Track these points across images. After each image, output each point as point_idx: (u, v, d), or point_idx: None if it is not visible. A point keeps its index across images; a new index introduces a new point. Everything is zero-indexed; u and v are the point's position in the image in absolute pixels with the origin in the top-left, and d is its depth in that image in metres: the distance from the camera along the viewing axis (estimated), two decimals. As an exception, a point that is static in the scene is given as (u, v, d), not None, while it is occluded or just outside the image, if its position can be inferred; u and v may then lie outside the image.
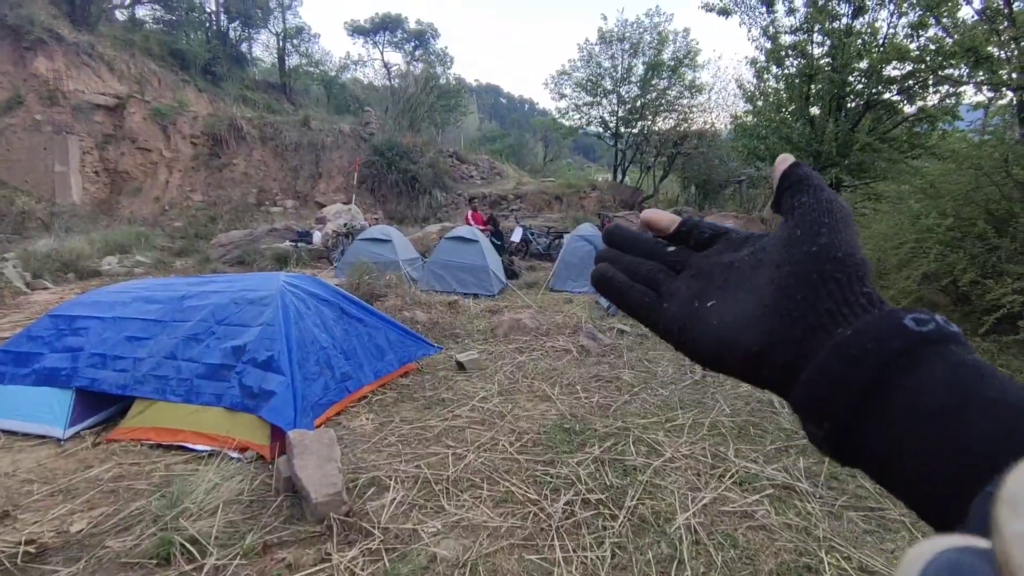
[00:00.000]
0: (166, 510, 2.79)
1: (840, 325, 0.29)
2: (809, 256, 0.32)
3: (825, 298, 0.31)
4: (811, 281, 0.31)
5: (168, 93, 18.85)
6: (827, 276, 0.31)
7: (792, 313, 0.31)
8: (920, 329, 0.27)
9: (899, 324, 0.27)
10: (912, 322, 0.27)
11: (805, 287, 0.31)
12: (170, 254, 12.57)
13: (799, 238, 0.33)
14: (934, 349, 0.26)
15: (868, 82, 10.09)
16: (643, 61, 17.81)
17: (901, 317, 0.27)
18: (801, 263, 0.32)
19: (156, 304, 4.15)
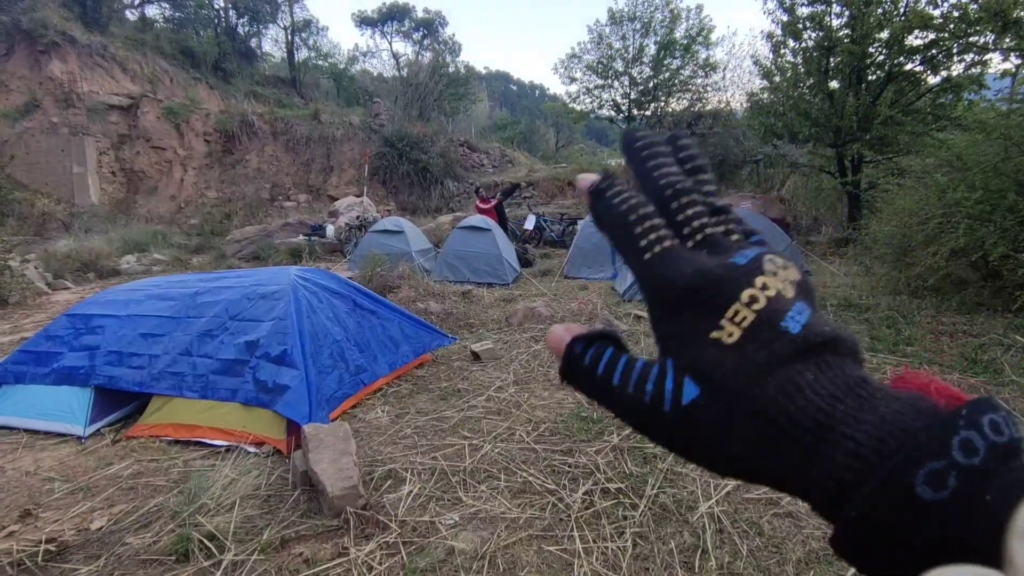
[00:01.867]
0: (184, 506, 2.79)
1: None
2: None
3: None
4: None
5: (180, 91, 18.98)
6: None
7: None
8: (940, 496, 0.21)
9: (913, 498, 0.22)
10: (927, 486, 0.21)
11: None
12: (187, 251, 12.71)
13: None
14: (958, 520, 0.21)
15: (889, 53, 9.73)
16: (655, 40, 17.46)
17: (913, 481, 0.22)
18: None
19: (170, 301, 4.16)
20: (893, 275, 6.74)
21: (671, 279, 0.29)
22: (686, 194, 0.31)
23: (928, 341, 5.15)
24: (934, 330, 5.45)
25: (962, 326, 5.48)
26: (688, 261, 0.29)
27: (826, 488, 0.24)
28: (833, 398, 0.25)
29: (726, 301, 0.28)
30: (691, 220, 0.31)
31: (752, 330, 0.27)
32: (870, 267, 7.58)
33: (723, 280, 0.28)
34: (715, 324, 0.27)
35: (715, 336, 0.27)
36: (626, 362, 0.30)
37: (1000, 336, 4.95)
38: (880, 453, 0.23)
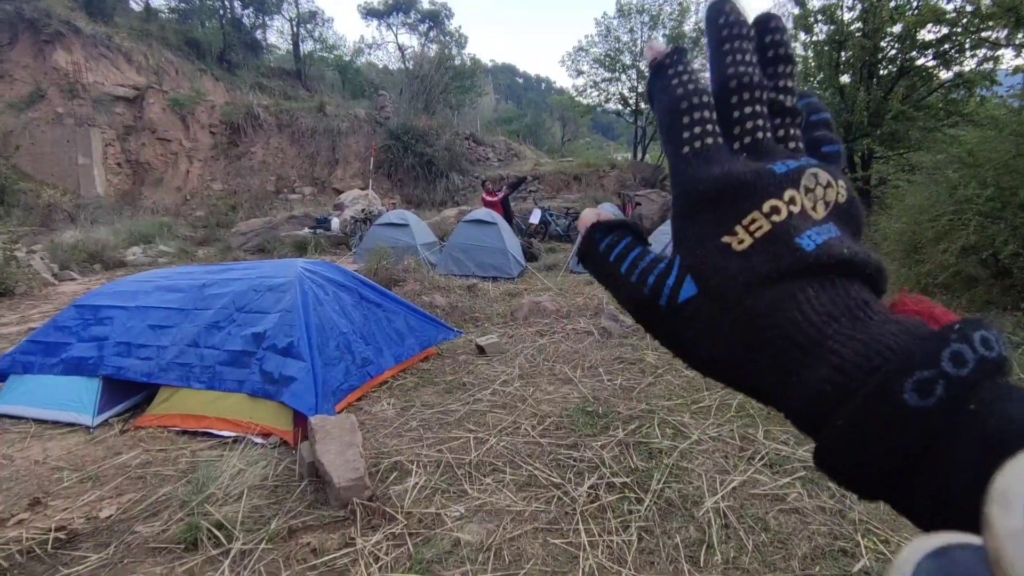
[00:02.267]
0: (192, 495, 2.81)
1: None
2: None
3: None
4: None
5: (185, 83, 18.99)
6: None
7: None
8: (927, 404, 0.22)
9: (900, 405, 0.22)
10: (915, 393, 0.22)
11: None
12: (192, 243, 12.75)
13: None
14: (949, 425, 0.22)
15: (901, 47, 9.65)
16: (664, 33, 17.34)
17: (900, 390, 0.22)
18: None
19: (177, 293, 4.17)
20: (902, 272, 6.69)
21: (699, 178, 0.28)
22: (750, 89, 0.29)
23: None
24: (942, 327, 5.41)
25: (971, 324, 5.45)
26: (722, 162, 0.28)
27: (807, 401, 0.24)
28: (829, 316, 0.25)
29: (747, 207, 0.27)
30: (745, 120, 0.29)
31: (764, 241, 0.27)
32: (879, 264, 7.52)
33: (749, 186, 0.27)
34: (730, 229, 0.27)
35: (726, 241, 0.27)
36: (637, 253, 0.30)
37: (1009, 334, 4.92)
38: (863, 368, 0.23)
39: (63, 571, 2.34)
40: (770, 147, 0.29)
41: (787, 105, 0.30)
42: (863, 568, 2.31)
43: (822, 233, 0.27)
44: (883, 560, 2.35)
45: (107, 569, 2.37)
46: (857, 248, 0.27)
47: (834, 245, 0.27)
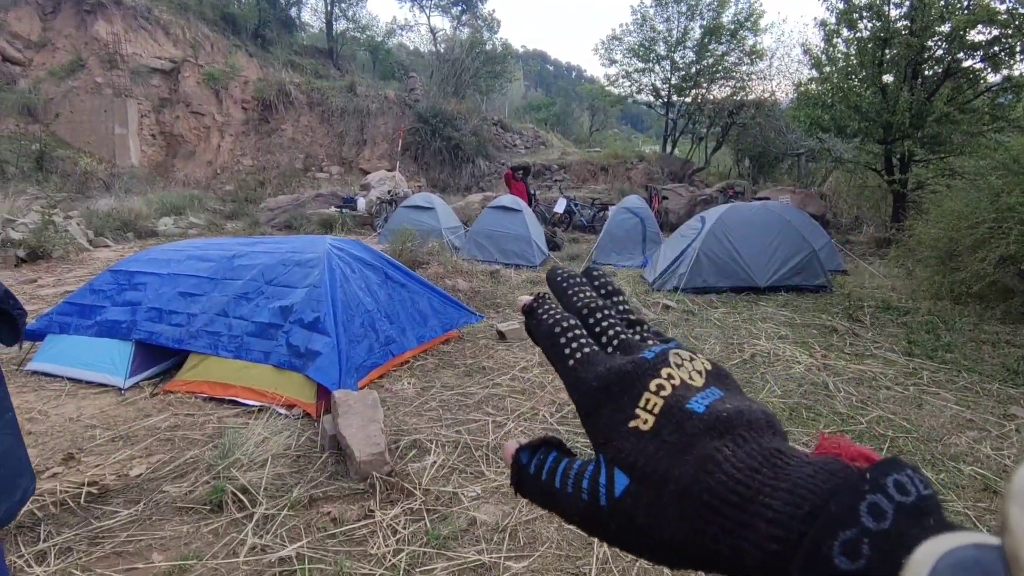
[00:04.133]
0: (219, 460, 2.88)
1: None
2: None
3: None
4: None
5: (220, 58, 19.18)
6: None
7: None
8: (855, 567, 0.21)
9: (831, 569, 0.22)
10: (844, 557, 0.22)
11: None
12: (221, 216, 12.96)
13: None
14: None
15: (949, 47, 9.29)
16: (701, 24, 16.95)
17: (831, 554, 0.22)
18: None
19: (208, 262, 4.25)
20: (936, 279, 6.52)
21: (588, 379, 0.33)
22: (600, 310, 0.37)
23: (968, 349, 4.99)
24: (975, 338, 5.27)
25: (1005, 336, 5.30)
26: (603, 362, 0.33)
27: (761, 563, 0.25)
28: (751, 470, 0.26)
29: (638, 391, 0.31)
30: (606, 329, 0.36)
31: (663, 415, 0.30)
32: (912, 270, 7.35)
33: (631, 374, 0.32)
34: (632, 414, 0.30)
35: (632, 425, 0.30)
36: (565, 464, 0.32)
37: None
38: (795, 518, 0.24)
39: (95, 524, 2.43)
40: (635, 343, 0.35)
41: (632, 319, 0.37)
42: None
43: (707, 396, 0.30)
44: None
45: (136, 524, 2.45)
46: (741, 403, 0.30)
47: (718, 405, 0.29)
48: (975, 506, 2.76)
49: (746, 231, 7.07)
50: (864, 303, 6.35)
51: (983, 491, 2.90)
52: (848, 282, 7.59)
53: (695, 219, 7.87)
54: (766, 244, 6.98)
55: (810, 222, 8.04)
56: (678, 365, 0.32)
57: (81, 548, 2.28)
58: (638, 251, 9.20)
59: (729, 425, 0.28)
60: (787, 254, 6.98)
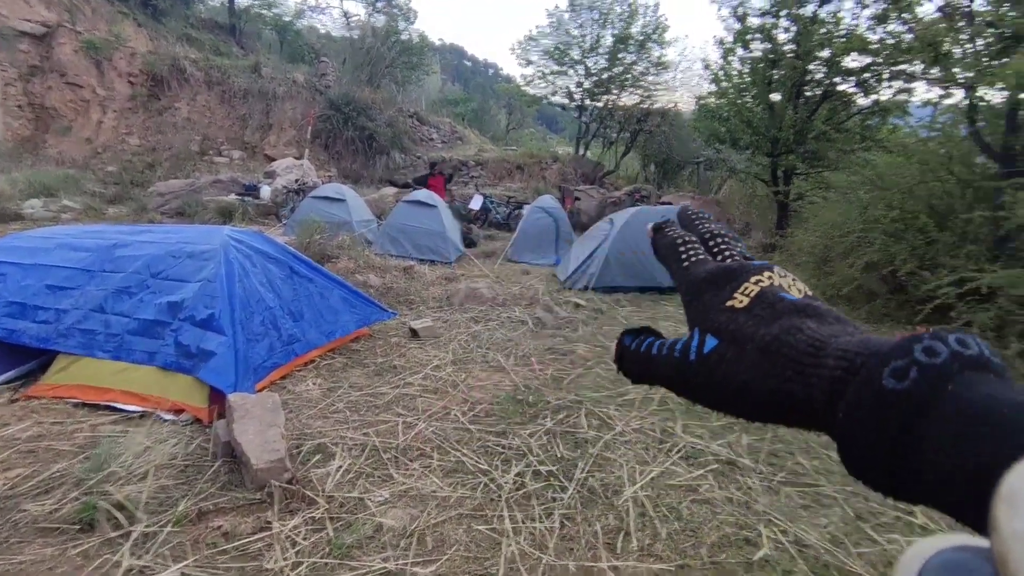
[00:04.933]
0: (91, 473, 2.60)
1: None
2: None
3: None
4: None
5: (103, 25, 17.24)
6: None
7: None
8: (901, 386, 0.25)
9: (878, 388, 0.26)
10: (891, 378, 0.25)
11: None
12: (102, 200, 11.70)
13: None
14: (923, 404, 0.24)
15: (828, 72, 10.27)
16: (612, 33, 17.58)
17: (879, 376, 0.26)
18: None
19: (83, 252, 3.82)
20: (812, 282, 7.20)
21: (699, 272, 0.39)
22: (720, 237, 0.43)
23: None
24: (844, 335, 5.88)
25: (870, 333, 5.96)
26: (713, 262, 0.40)
27: (826, 394, 0.28)
28: (831, 335, 0.30)
29: (739, 282, 0.36)
30: (724, 248, 0.42)
31: (757, 297, 0.34)
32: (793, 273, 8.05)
33: (737, 270, 0.37)
34: (730, 296, 0.35)
35: (729, 304, 0.35)
36: (661, 342, 0.38)
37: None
38: (860, 355, 0.28)
39: (-68, 554, 2.11)
40: (743, 259, 0.40)
41: (746, 253, 0.42)
42: (764, 556, 2.48)
43: (801, 295, 0.35)
44: (781, 549, 2.54)
45: (-14, 551, 2.15)
46: (826, 307, 0.34)
47: (810, 302, 0.33)
48: (843, 489, 3.08)
49: (651, 234, 7.42)
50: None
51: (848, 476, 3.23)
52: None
53: (605, 221, 8.17)
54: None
55: (708, 227, 8.60)
56: (781, 276, 0.36)
57: (-88, 583, 1.97)
58: (551, 250, 9.40)
59: (817, 311, 0.32)
60: (687, 256, 7.41)
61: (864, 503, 2.95)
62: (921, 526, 2.78)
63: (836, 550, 2.54)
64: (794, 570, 2.40)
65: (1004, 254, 5.56)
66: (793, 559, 2.47)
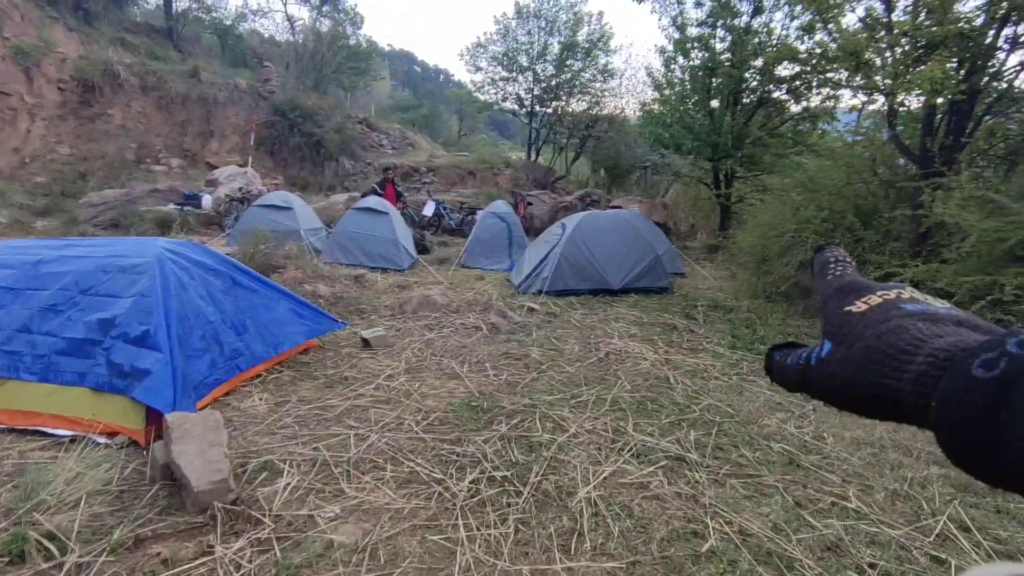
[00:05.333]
0: (19, 503, 2.45)
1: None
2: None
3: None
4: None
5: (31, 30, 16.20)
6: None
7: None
8: (991, 375, 0.27)
9: (968, 377, 0.28)
10: (981, 368, 0.27)
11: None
12: (31, 213, 11.03)
13: None
14: (1012, 391, 0.26)
15: (762, 80, 10.78)
16: (559, 40, 17.85)
17: (969, 366, 0.28)
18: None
19: (6, 269, 3.59)
20: (753, 281, 7.52)
21: (836, 283, 0.44)
22: (842, 263, 0.48)
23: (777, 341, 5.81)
24: (782, 331, 6.17)
25: (805, 328, 6.26)
26: (852, 277, 0.44)
27: (915, 387, 0.31)
28: (933, 335, 0.33)
29: (864, 293, 0.40)
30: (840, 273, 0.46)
31: (876, 306, 0.38)
32: (735, 273, 8.39)
33: (865, 284, 0.41)
34: (851, 302, 0.39)
35: (848, 308, 0.39)
36: (797, 352, 0.42)
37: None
38: (949, 351, 0.30)
39: None
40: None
41: None
42: (711, 548, 2.57)
43: (932, 308, 0.36)
44: (727, 540, 2.63)
45: None
46: (965, 314, 0.36)
47: (933, 310, 0.36)
48: (783, 478, 3.22)
49: (601, 237, 7.58)
50: (698, 303, 7.13)
51: (788, 465, 3.40)
52: (685, 284, 8.47)
53: (556, 225, 8.27)
54: (618, 249, 7.54)
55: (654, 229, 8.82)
56: (913, 292, 0.39)
57: None
58: (505, 255, 9.44)
59: (933, 315, 0.35)
60: (636, 259, 7.60)
61: (802, 491, 3.10)
62: (855, 510, 2.94)
63: (778, 537, 2.66)
64: (739, 559, 2.50)
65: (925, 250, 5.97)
66: (738, 548, 2.57)
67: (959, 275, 5.02)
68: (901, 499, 3.08)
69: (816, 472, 3.30)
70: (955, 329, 0.33)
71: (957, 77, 5.64)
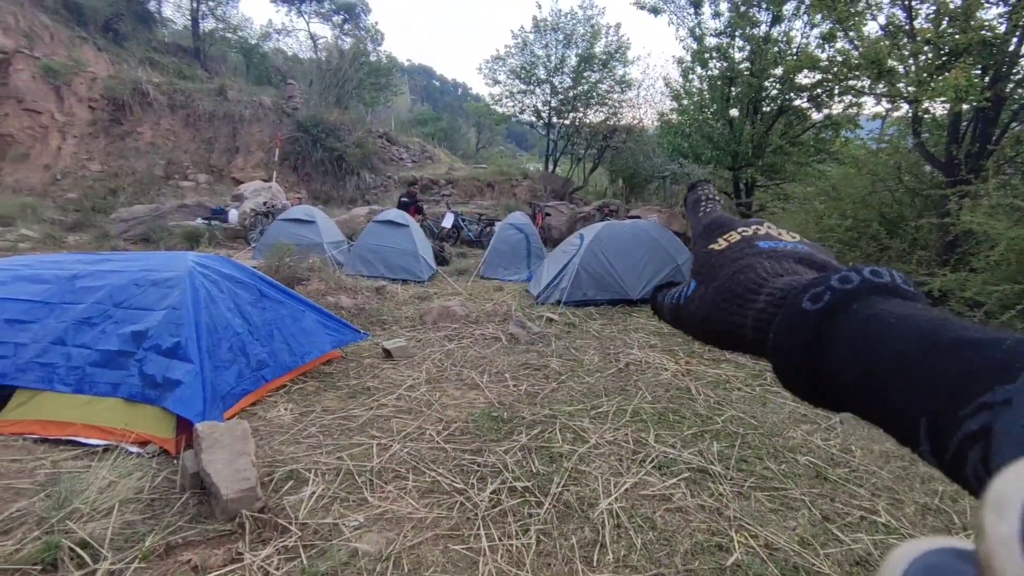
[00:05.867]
0: (53, 511, 2.52)
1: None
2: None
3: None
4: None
5: (62, 50, 16.89)
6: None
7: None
8: (816, 307, 0.30)
9: (798, 310, 0.31)
10: (809, 301, 0.31)
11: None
12: (62, 228, 11.38)
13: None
14: (833, 321, 0.30)
15: (782, 88, 10.71)
16: (576, 53, 17.98)
17: (800, 301, 0.31)
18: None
19: (42, 284, 3.72)
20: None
21: (704, 221, 0.47)
22: (712, 200, 0.53)
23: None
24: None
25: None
26: (715, 214, 0.48)
27: (756, 323, 0.34)
28: (775, 274, 0.36)
29: (726, 230, 0.43)
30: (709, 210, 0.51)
31: (735, 243, 0.41)
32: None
33: (729, 221, 0.45)
34: (714, 240, 0.43)
35: (711, 247, 0.42)
36: (672, 292, 0.46)
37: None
38: (785, 291, 0.34)
39: None
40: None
41: None
42: (736, 561, 2.54)
43: (783, 244, 0.40)
44: (752, 553, 2.60)
45: (-61, 599, 2.06)
46: (810, 250, 0.39)
47: (781, 247, 0.39)
48: (809, 491, 3.17)
49: (620, 247, 7.57)
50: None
51: (815, 478, 3.34)
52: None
53: (575, 236, 8.28)
54: (637, 259, 7.53)
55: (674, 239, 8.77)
56: (770, 227, 0.42)
57: None
58: (523, 266, 9.47)
59: (778, 254, 0.38)
60: (655, 269, 7.57)
61: (830, 504, 3.04)
62: (884, 524, 2.88)
63: (805, 552, 2.62)
64: (765, 573, 2.46)
65: (953, 258, 5.85)
66: (764, 563, 2.53)
67: (988, 284, 4.90)
68: (932, 513, 3.01)
69: (844, 485, 3.24)
70: (794, 267, 0.37)
71: (982, 84, 5.56)
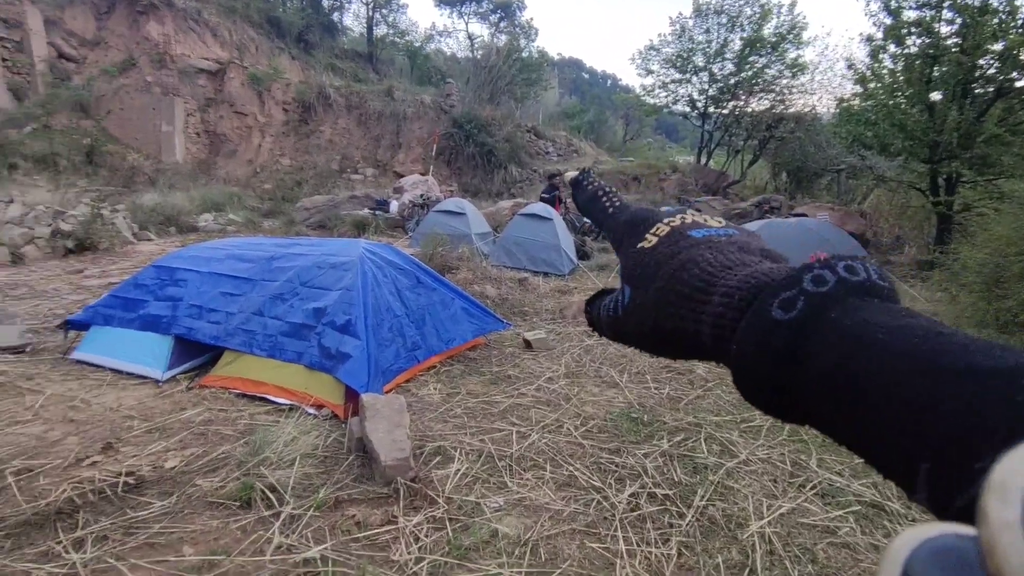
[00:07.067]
0: (249, 457, 2.96)
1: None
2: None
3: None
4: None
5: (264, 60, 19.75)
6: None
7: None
8: (789, 316, 0.26)
9: (768, 319, 0.27)
10: (780, 310, 0.26)
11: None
12: (259, 215, 13.30)
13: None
14: (809, 332, 0.26)
15: (1002, 67, 8.95)
16: (741, 36, 16.73)
17: (769, 308, 0.27)
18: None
19: (247, 263, 4.37)
20: (980, 305, 6.26)
21: (621, 217, 0.43)
22: (610, 192, 0.50)
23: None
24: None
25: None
26: (635, 207, 0.44)
27: (713, 329, 0.30)
28: (722, 267, 0.32)
29: (652, 224, 0.39)
30: (614, 203, 0.48)
31: (665, 237, 0.37)
32: (956, 295, 7.07)
33: (650, 214, 0.41)
34: (642, 238, 0.38)
35: (640, 245, 0.38)
36: (607, 299, 0.41)
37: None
38: (743, 290, 0.29)
39: (130, 514, 2.52)
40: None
41: None
42: None
43: (714, 231, 0.36)
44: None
45: (169, 517, 2.52)
46: (744, 237, 0.35)
47: (718, 235, 0.36)
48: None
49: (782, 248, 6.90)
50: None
51: None
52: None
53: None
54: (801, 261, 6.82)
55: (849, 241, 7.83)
56: (697, 213, 0.39)
57: (116, 537, 2.36)
58: (668, 264, 9.11)
59: (717, 244, 0.34)
60: (823, 274, 6.80)
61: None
62: None
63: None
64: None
65: None
66: (954, 625, 2.16)
67: None
68: None
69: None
70: (740, 256, 0.32)
71: None
